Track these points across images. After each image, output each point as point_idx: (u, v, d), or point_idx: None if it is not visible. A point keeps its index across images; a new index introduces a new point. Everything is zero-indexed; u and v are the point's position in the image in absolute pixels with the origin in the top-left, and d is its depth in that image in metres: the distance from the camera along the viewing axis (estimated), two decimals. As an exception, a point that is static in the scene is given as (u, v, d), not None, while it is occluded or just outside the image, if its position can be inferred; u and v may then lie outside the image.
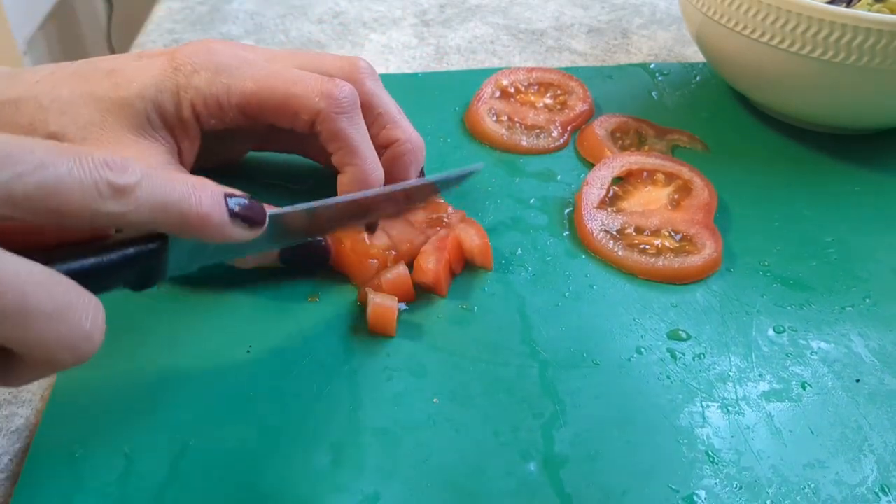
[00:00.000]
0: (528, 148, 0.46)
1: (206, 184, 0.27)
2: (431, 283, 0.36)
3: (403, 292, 0.35)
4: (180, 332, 0.34)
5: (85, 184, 0.23)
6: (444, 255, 0.36)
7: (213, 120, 0.36)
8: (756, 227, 0.41)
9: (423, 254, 0.36)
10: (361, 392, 0.32)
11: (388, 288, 0.35)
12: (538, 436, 0.30)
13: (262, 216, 0.28)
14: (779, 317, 0.36)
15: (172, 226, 0.26)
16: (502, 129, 0.47)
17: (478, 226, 0.38)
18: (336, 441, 0.30)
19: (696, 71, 0.54)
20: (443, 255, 0.36)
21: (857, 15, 0.39)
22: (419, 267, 0.36)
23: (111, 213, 0.24)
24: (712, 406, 0.31)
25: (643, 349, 0.34)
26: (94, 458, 0.29)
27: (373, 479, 0.28)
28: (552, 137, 0.47)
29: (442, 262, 0.35)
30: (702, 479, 0.29)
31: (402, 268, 0.36)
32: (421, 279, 0.36)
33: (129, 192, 0.24)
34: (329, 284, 0.36)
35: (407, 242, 0.37)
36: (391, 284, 0.35)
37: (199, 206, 0.26)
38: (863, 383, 0.33)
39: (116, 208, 0.24)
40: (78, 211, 0.24)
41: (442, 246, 0.36)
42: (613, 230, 0.39)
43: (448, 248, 0.36)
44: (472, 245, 0.37)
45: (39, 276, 0.23)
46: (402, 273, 0.35)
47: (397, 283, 0.35)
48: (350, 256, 0.36)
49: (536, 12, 0.63)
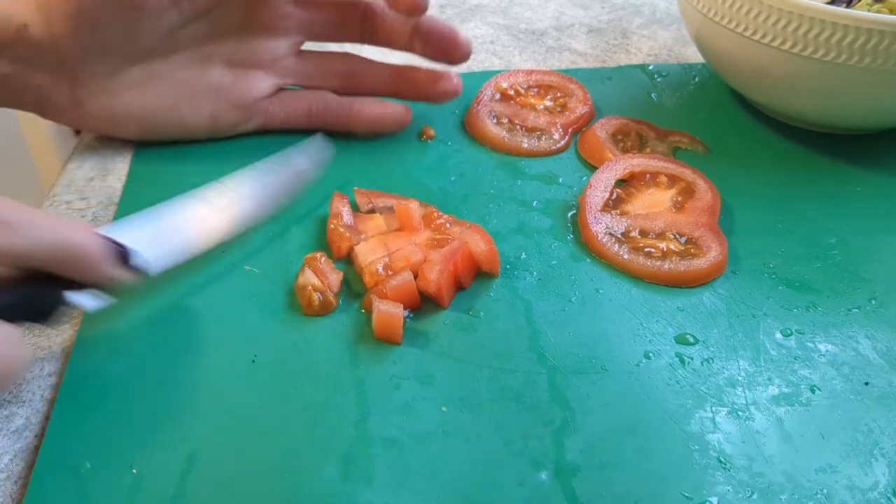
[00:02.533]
0: (530, 150, 0.46)
1: (82, 224, 0.30)
2: (433, 294, 0.35)
3: (409, 299, 0.35)
4: (185, 345, 0.33)
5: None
6: (449, 267, 0.35)
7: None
8: (759, 228, 0.41)
9: (429, 263, 0.36)
10: (369, 401, 0.31)
11: (394, 295, 0.35)
12: (549, 444, 0.30)
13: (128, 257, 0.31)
14: (786, 319, 0.36)
15: (56, 263, 0.28)
16: (503, 131, 0.46)
17: (483, 231, 0.38)
18: (345, 452, 0.29)
19: (694, 72, 0.54)
20: (447, 267, 0.35)
21: (856, 15, 0.39)
22: (423, 276, 0.35)
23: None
24: (722, 411, 0.31)
25: (651, 354, 0.34)
26: (101, 473, 0.29)
27: (383, 491, 0.28)
28: (553, 139, 0.46)
29: (445, 272, 0.35)
30: (715, 486, 0.28)
31: (408, 274, 0.35)
32: (424, 288, 0.35)
33: (14, 228, 0.27)
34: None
35: (404, 260, 0.36)
36: (396, 291, 0.35)
37: (81, 242, 0.29)
38: (872, 386, 0.33)
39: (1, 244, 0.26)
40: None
41: (449, 257, 0.36)
42: (618, 233, 0.39)
43: (456, 260, 0.36)
44: (479, 251, 0.37)
45: None
46: (407, 280, 0.35)
47: (402, 290, 0.35)
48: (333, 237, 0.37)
49: (536, 12, 0.62)
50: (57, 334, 0.34)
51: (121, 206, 0.40)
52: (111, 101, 0.41)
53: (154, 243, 0.33)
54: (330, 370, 0.32)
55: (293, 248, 0.38)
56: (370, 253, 0.37)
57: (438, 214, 0.39)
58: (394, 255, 0.37)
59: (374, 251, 0.37)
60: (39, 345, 0.34)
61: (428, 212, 0.39)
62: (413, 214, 0.38)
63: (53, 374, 0.33)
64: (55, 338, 0.34)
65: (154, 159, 0.43)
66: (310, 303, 0.35)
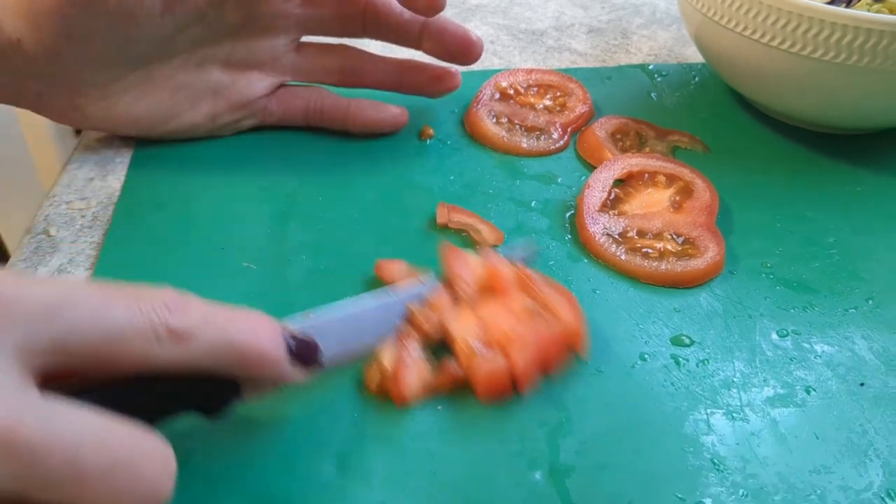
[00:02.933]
0: (529, 150, 0.46)
1: (264, 321, 0.26)
2: (516, 378, 0.31)
3: (500, 388, 0.31)
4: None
5: (143, 331, 0.22)
6: (540, 354, 0.31)
7: None
8: (757, 228, 0.41)
9: (522, 343, 0.31)
10: (367, 399, 0.31)
11: (486, 383, 0.31)
12: (544, 444, 0.30)
13: (316, 354, 0.28)
14: (782, 320, 0.36)
15: (231, 367, 0.25)
16: (502, 130, 0.47)
17: (574, 302, 0.33)
18: (341, 450, 0.30)
19: (694, 71, 0.54)
20: (537, 353, 0.31)
21: (856, 15, 0.39)
22: (510, 355, 0.31)
23: (168, 359, 0.23)
24: (717, 413, 0.31)
25: (647, 356, 0.34)
26: (99, 471, 0.29)
27: (379, 489, 0.28)
28: (552, 139, 0.47)
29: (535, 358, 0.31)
30: (708, 488, 0.29)
31: (501, 359, 0.31)
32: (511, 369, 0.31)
33: (189, 337, 0.23)
34: (330, 286, 0.36)
35: (501, 335, 0.32)
36: (489, 379, 0.31)
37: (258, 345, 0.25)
38: (867, 386, 0.33)
39: (174, 354, 0.23)
40: (135, 359, 0.22)
41: (541, 344, 0.31)
42: (615, 234, 0.39)
43: (549, 347, 0.31)
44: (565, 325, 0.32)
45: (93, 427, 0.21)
46: (501, 365, 0.31)
47: (496, 376, 0.31)
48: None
49: (536, 12, 0.62)
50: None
51: (120, 205, 0.40)
52: (110, 105, 0.41)
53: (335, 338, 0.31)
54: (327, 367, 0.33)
55: (291, 247, 0.38)
56: (463, 328, 0.33)
57: (529, 275, 0.34)
58: (489, 327, 0.32)
59: (467, 325, 0.33)
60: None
61: (520, 275, 0.34)
62: (505, 279, 0.34)
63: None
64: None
65: (154, 159, 0.44)
66: (371, 379, 0.32)
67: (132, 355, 0.22)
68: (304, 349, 0.27)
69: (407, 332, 0.32)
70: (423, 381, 0.31)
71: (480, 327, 0.32)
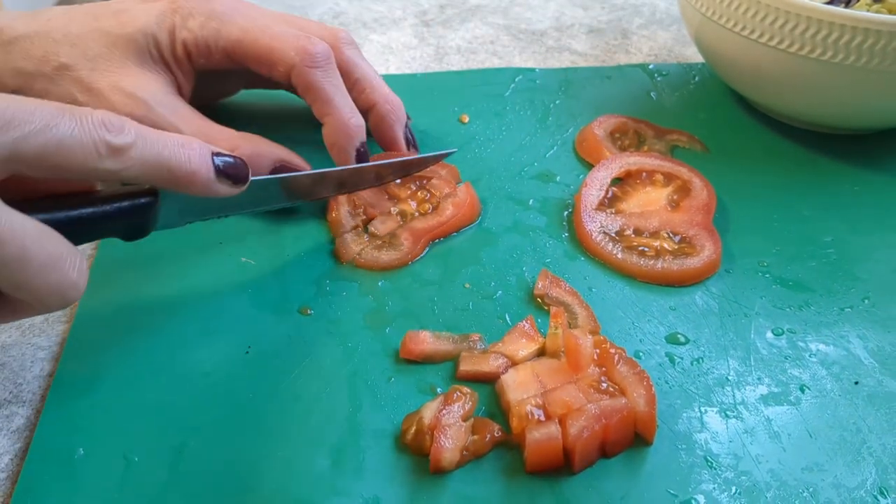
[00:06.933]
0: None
1: (194, 142, 0.29)
2: (567, 451, 0.29)
3: (549, 460, 0.29)
4: (179, 335, 0.34)
5: (85, 144, 0.26)
6: (597, 429, 0.29)
7: (202, 60, 0.39)
8: (755, 227, 0.41)
9: (578, 413, 0.29)
10: (361, 394, 0.32)
11: (536, 453, 0.29)
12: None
13: (245, 173, 0.31)
14: (778, 319, 0.36)
15: (163, 181, 0.29)
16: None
17: (649, 385, 0.30)
18: (336, 444, 0.30)
19: (694, 71, 0.54)
20: (593, 427, 0.29)
21: (855, 15, 0.39)
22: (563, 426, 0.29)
23: (108, 170, 0.27)
24: (710, 411, 0.31)
25: (642, 353, 0.34)
26: (94, 460, 0.29)
27: (373, 483, 0.29)
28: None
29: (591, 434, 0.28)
30: (700, 484, 0.29)
31: (556, 429, 0.29)
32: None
33: (124, 152, 0.27)
34: (329, 285, 0.36)
35: (563, 407, 0.30)
36: (539, 448, 0.29)
37: (188, 163, 0.29)
38: (861, 385, 0.33)
39: (113, 166, 0.27)
40: (78, 168, 0.26)
41: (600, 418, 0.29)
42: (612, 232, 0.39)
43: (610, 424, 0.29)
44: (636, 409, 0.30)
45: (35, 229, 0.25)
46: (554, 436, 0.29)
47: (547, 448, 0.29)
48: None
49: (536, 12, 0.62)
50: (57, 334, 0.35)
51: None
52: None
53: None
54: (323, 362, 0.33)
55: (288, 241, 0.39)
56: (520, 389, 0.31)
57: (611, 347, 0.32)
58: (549, 395, 0.30)
59: (524, 386, 0.31)
60: (40, 345, 0.34)
61: (603, 347, 0.32)
62: (584, 353, 0.31)
63: (53, 373, 0.33)
64: (55, 338, 0.35)
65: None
66: (405, 432, 0.30)
67: (75, 164, 0.26)
68: (232, 168, 0.30)
69: (451, 394, 0.31)
70: (461, 446, 0.29)
71: (539, 393, 0.30)
